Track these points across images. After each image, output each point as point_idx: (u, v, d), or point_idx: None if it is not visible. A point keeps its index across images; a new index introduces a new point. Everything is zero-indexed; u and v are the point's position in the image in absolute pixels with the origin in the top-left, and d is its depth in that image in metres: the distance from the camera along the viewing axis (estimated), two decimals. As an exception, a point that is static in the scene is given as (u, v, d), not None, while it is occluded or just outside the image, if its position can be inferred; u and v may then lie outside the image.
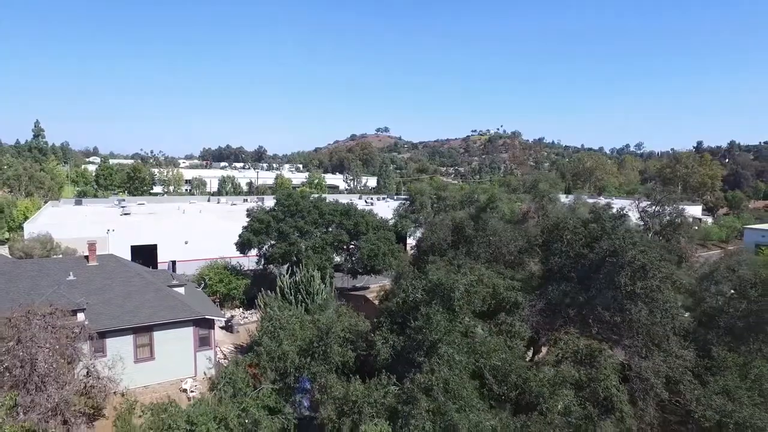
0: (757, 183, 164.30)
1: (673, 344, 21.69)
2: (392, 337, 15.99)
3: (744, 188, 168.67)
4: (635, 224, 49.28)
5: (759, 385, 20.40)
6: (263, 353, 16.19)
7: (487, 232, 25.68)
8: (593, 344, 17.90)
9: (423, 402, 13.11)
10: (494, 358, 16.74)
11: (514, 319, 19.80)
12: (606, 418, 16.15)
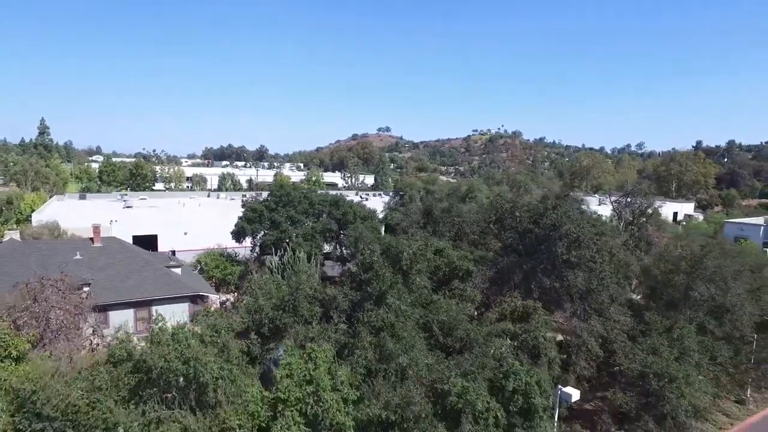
0: (753, 182, 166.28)
1: (613, 311, 24.68)
2: (350, 293, 18.99)
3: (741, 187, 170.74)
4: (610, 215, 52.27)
5: (680, 343, 23.32)
6: (242, 307, 19.18)
7: (452, 214, 28.69)
8: (528, 304, 20.85)
9: (366, 336, 16.08)
10: (442, 314, 19.72)
11: (466, 285, 22.80)
12: (535, 363, 19.06)
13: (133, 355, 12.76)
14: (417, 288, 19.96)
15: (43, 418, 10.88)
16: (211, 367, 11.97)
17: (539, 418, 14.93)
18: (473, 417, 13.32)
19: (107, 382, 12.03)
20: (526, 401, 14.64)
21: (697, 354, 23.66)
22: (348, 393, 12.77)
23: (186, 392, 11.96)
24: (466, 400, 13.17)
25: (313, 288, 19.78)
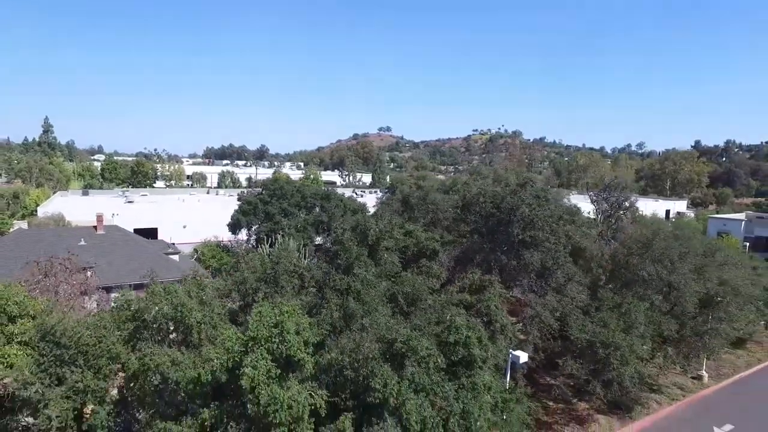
0: (749, 181, 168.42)
1: (570, 289, 27.30)
2: (324, 265, 21.59)
3: (737, 186, 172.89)
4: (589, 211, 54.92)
5: (627, 317, 25.89)
6: (229, 279, 21.82)
7: (426, 203, 31.34)
8: (484, 278, 23.45)
9: (333, 298, 18.69)
10: (407, 287, 22.33)
11: (433, 264, 25.43)
12: (488, 329, 21.63)
13: (131, 304, 15.43)
14: (384, 262, 22.60)
15: (60, 346, 13.59)
16: (195, 313, 14.62)
17: (479, 368, 17.52)
18: (416, 361, 15.93)
19: (111, 324, 14.69)
20: (466, 352, 17.24)
21: (642, 326, 26.24)
22: (309, 336, 15.38)
23: (174, 334, 14.62)
24: (410, 346, 15.77)
25: (292, 263, 22.43)
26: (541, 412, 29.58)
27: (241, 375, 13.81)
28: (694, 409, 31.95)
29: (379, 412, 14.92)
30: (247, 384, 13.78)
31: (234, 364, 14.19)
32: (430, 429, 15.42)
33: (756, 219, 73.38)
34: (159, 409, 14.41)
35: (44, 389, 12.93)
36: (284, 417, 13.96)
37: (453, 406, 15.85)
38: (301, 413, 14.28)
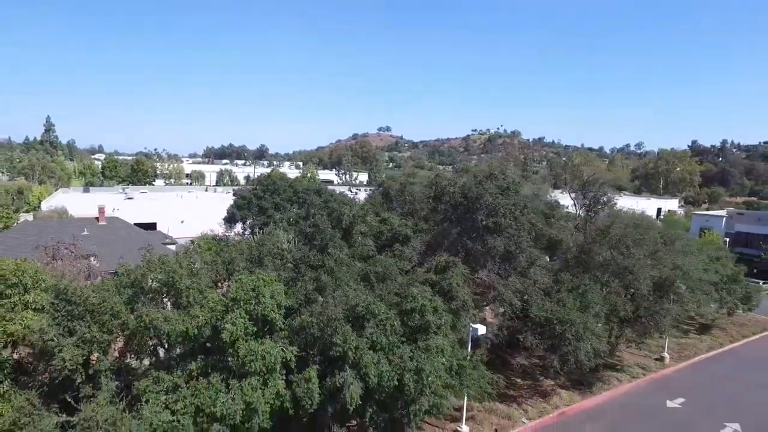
0: (743, 180, 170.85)
1: (533, 272, 29.92)
2: (303, 247, 24.25)
3: (732, 185, 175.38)
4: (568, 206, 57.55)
5: (583, 297, 28.53)
6: (218, 260, 24.44)
7: (404, 194, 34.00)
8: (449, 259, 26.07)
9: (308, 274, 21.29)
10: (378, 267, 24.95)
11: (405, 248, 28.07)
12: (449, 303, 24.25)
13: (131, 273, 18.08)
14: (358, 245, 25.23)
15: (71, 303, 16.30)
16: (184, 279, 17.25)
17: (434, 333, 20.14)
18: (375, 323, 18.54)
19: (113, 288, 17.34)
20: (421, 318, 19.86)
21: (598, 306, 28.86)
22: (281, 300, 18.00)
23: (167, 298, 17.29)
24: (369, 310, 18.38)
25: (275, 245, 25.09)
26: (508, 386, 32.34)
27: (222, 330, 16.47)
28: (652, 385, 34.59)
29: (341, 364, 17.58)
30: (227, 338, 16.44)
31: (216, 321, 16.84)
32: (386, 381, 18.06)
33: (736, 215, 75.90)
34: (153, 362, 17.02)
35: (58, 338, 15.60)
36: (259, 367, 16.61)
37: (407, 363, 18.46)
38: (274, 364, 16.92)
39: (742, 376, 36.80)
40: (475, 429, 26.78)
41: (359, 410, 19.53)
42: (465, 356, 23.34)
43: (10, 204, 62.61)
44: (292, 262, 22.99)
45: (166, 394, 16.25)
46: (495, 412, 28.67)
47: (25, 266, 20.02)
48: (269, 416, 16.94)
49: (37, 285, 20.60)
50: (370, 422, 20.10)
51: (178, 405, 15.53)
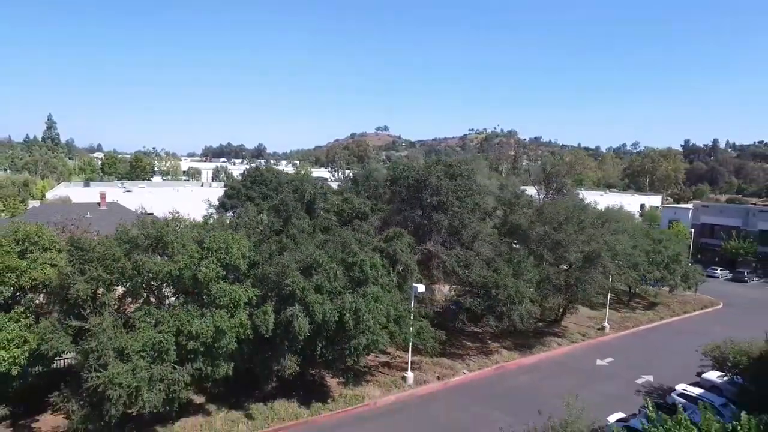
0: (731, 179, 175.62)
1: (477, 245, 34.96)
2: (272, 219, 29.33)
3: (720, 183, 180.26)
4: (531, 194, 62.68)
5: (517, 265, 33.60)
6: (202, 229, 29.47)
7: (369, 180, 39.12)
8: (397, 230, 31.11)
9: (273, 237, 26.32)
10: (337, 237, 30.00)
11: (363, 223, 33.16)
12: (394, 266, 29.29)
13: (128, 232, 23.20)
14: (320, 218, 30.35)
15: (82, 250, 21.44)
16: (170, 234, 22.33)
17: (372, 283, 25.20)
18: (321, 272, 23.61)
19: (113, 242, 22.44)
20: (361, 271, 24.92)
21: (530, 274, 33.92)
22: (245, 252, 23.10)
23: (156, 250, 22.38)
24: (316, 261, 23.46)
25: (250, 218, 30.19)
26: (458, 347, 37.41)
27: (198, 272, 21.58)
28: (588, 349, 39.70)
29: (291, 302, 22.68)
30: (202, 278, 21.56)
31: (194, 266, 21.93)
32: (328, 317, 23.14)
33: (702, 208, 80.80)
34: (146, 299, 22.12)
35: (73, 275, 20.72)
36: (227, 302, 21.73)
37: (347, 304, 23.54)
38: (239, 301, 22.04)
39: (667, 342, 41.87)
40: (420, 376, 31.87)
41: (311, 345, 24.67)
42: (405, 308, 28.42)
43: (17, 195, 67.86)
44: (261, 230, 28.10)
45: (155, 325, 21.33)
46: (440, 364, 33.74)
47: (44, 230, 25.17)
48: (235, 340, 22.01)
49: (52, 246, 25.75)
50: (320, 356, 25.25)
51: (163, 327, 20.64)
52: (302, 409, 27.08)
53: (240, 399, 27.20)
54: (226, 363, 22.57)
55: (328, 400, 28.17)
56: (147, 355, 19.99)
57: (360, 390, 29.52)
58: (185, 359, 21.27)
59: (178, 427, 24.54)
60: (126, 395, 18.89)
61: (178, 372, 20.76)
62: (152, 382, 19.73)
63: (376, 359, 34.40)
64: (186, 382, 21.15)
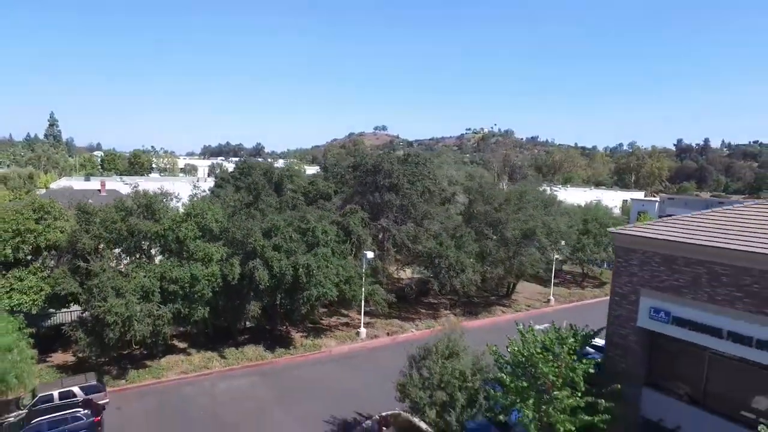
0: (719, 177, 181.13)
1: (426, 223, 40.85)
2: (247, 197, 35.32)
3: (709, 182, 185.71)
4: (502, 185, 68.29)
5: (459, 240, 39.47)
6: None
7: (337, 167, 45.11)
8: (352, 207, 37.03)
9: (243, 209, 32.37)
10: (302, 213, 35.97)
11: (327, 203, 39.12)
12: (348, 238, 35.21)
13: (124, 201, 29.29)
14: (288, 198, 36.33)
15: (87, 213, 27.58)
16: (158, 203, 28.38)
17: (323, 245, 31.13)
18: (279, 234, 29.57)
19: (112, 208, 28.51)
20: (314, 236, 30.86)
21: (471, 247, 39.76)
22: (218, 217, 29.09)
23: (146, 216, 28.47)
24: (275, 225, 29.44)
25: (228, 197, 36.19)
26: (412, 313, 43.28)
27: (179, 232, 27.57)
28: (530, 316, 45.42)
29: (253, 257, 28.65)
30: (182, 236, 27.54)
31: (176, 227, 27.93)
32: (284, 270, 29.07)
33: (667, 200, 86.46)
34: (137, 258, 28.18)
35: (79, 232, 26.77)
36: (201, 256, 27.69)
37: (299, 260, 29.46)
38: (212, 256, 28.00)
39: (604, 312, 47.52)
40: (372, 332, 37.79)
41: (273, 295, 30.63)
42: (357, 272, 34.34)
43: (23, 186, 74.09)
44: (234, 204, 34.16)
45: (146, 275, 27.34)
46: (392, 324, 39.66)
47: (55, 203, 31.27)
48: (209, 289, 27.97)
49: (61, 216, 31.81)
50: (281, 305, 31.21)
51: (150, 274, 26.64)
52: (267, 353, 33.10)
53: (216, 345, 33.20)
54: (203, 307, 28.55)
55: (290, 348, 34.14)
56: (137, 294, 25.97)
57: (319, 341, 35.52)
58: (167, 300, 27.25)
59: (164, 361, 30.61)
60: (121, 322, 24.86)
61: (161, 310, 26.75)
62: (141, 316, 25.71)
63: (337, 320, 40.39)
64: (168, 319, 27.14)
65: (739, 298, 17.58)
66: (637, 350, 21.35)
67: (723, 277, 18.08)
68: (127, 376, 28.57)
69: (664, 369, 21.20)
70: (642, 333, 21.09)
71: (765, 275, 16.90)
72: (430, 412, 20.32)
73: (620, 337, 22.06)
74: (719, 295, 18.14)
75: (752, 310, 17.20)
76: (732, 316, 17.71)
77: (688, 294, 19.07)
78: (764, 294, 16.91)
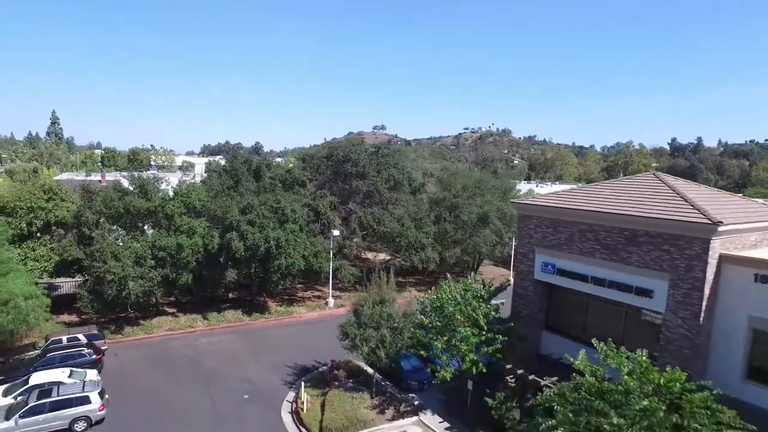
0: (708, 175, 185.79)
1: (391, 207, 46.26)
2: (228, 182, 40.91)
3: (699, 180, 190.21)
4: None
5: (419, 222, 44.87)
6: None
7: (314, 159, 50.61)
8: (322, 192, 42.44)
9: (225, 192, 37.86)
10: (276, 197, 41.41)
11: (302, 189, 44.57)
12: (318, 218, 40.62)
13: (121, 184, 34.78)
14: (266, 184, 41.80)
15: (91, 192, 33.15)
16: (151, 185, 33.93)
17: (292, 222, 36.54)
18: (253, 212, 35.01)
19: (111, 189, 34.05)
20: (283, 214, 36.28)
21: (429, 228, 45.10)
22: (202, 197, 34.56)
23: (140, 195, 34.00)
24: (251, 205, 34.89)
25: (212, 182, 41.68)
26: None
27: (167, 209, 33.05)
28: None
29: (230, 230, 34.14)
30: (170, 212, 33.00)
31: (165, 204, 33.40)
32: (257, 242, 34.50)
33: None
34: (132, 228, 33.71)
35: (83, 208, 32.30)
36: (186, 228, 33.16)
37: (270, 235, 34.86)
38: (195, 229, 33.47)
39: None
40: (340, 302, 43.17)
41: (248, 265, 36.06)
42: (324, 248, 39.72)
43: (28, 180, 79.76)
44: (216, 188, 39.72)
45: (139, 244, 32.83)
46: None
47: (62, 186, 36.83)
48: (193, 258, 33.41)
49: (67, 198, 37.35)
50: (255, 274, 36.65)
51: (143, 242, 32.13)
52: (245, 317, 38.61)
53: (201, 310, 38.66)
54: (187, 273, 34.00)
55: (266, 313, 39.62)
56: (131, 259, 31.44)
57: (292, 309, 41.02)
58: (158, 266, 32.71)
59: (155, 321, 36.10)
60: (117, 281, 30.32)
61: (152, 273, 32.22)
62: (135, 277, 31.17)
63: (311, 294, 45.82)
64: (158, 281, 32.60)
65: (598, 250, 23.02)
66: (536, 299, 26.80)
67: (587, 233, 23.51)
68: (123, 331, 34.09)
69: (558, 314, 26.60)
70: (538, 284, 26.52)
71: (612, 230, 22.31)
72: (364, 348, 25.61)
73: (522, 288, 27.45)
74: (585, 248, 23.58)
75: (605, 258, 22.59)
76: (594, 264, 23.09)
77: (566, 249, 24.47)
78: (612, 245, 22.35)
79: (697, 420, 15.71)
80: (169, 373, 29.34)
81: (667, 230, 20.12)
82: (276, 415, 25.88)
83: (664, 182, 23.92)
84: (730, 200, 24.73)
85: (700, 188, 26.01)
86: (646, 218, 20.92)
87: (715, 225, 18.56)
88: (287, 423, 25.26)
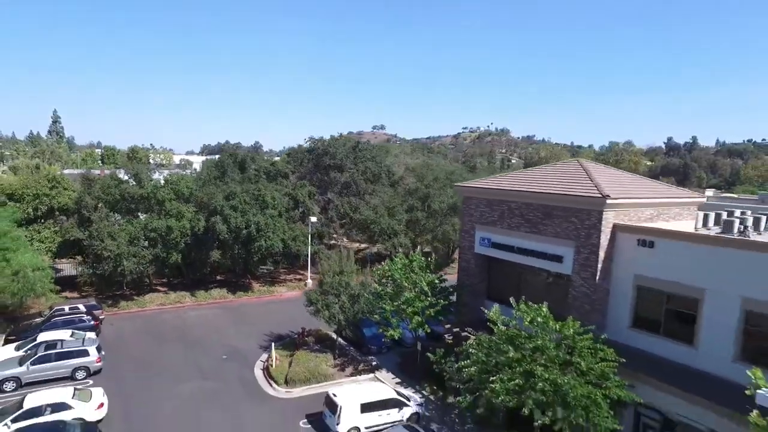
0: (701, 174, 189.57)
1: (368, 198, 50.47)
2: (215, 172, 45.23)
3: (692, 178, 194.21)
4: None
5: (392, 211, 49.09)
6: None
7: (298, 153, 54.93)
8: (302, 182, 46.68)
9: (212, 182, 42.13)
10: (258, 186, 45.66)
11: (285, 180, 48.86)
12: (296, 206, 44.85)
13: (117, 173, 39.09)
14: (251, 175, 46.09)
15: (90, 180, 37.50)
16: (144, 174, 38.22)
17: (272, 208, 40.76)
18: (236, 198, 39.27)
19: (109, 177, 38.37)
20: (263, 201, 40.52)
21: (400, 216, 49.27)
22: (190, 185, 38.84)
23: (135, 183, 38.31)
24: (233, 192, 39.16)
25: (201, 174, 46.01)
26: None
27: (159, 195, 37.36)
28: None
29: (214, 214, 38.43)
30: (161, 198, 37.31)
31: (156, 190, 37.72)
32: (239, 225, 38.74)
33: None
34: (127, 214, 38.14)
35: (83, 194, 36.63)
36: (175, 212, 37.47)
37: (251, 219, 39.10)
38: (183, 213, 37.77)
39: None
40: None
41: (231, 247, 40.33)
42: (303, 233, 43.93)
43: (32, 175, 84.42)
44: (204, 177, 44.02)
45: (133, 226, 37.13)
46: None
47: (65, 176, 41.24)
48: (181, 240, 37.67)
49: (69, 187, 41.70)
50: (238, 255, 40.92)
51: (137, 224, 36.43)
52: (230, 294, 42.88)
53: (190, 289, 42.91)
54: (176, 253, 38.26)
55: (249, 292, 43.86)
56: (126, 239, 35.74)
57: (273, 288, 45.27)
58: (149, 245, 37.01)
59: (147, 297, 40.36)
60: (113, 257, 34.60)
61: (144, 252, 36.52)
62: (129, 255, 35.46)
63: (293, 277, 50.03)
64: (150, 260, 36.87)
65: (522, 224, 27.14)
66: (477, 271, 30.89)
67: (515, 210, 27.63)
68: (118, 305, 38.38)
69: (497, 284, 30.67)
70: (479, 257, 30.60)
71: (532, 207, 26.42)
72: (325, 312, 29.79)
73: (465, 261, 31.56)
74: (513, 223, 27.72)
75: (528, 231, 26.70)
76: (519, 237, 27.19)
77: (498, 224, 28.59)
78: (534, 220, 26.47)
79: (583, 357, 19.97)
80: (160, 340, 33.58)
81: (573, 204, 24.24)
82: (249, 371, 30.09)
83: (582, 167, 27.99)
84: (633, 182, 28.83)
85: (608, 171, 30.10)
86: (557, 195, 25.04)
87: (604, 198, 22.68)
88: (258, 377, 29.47)
